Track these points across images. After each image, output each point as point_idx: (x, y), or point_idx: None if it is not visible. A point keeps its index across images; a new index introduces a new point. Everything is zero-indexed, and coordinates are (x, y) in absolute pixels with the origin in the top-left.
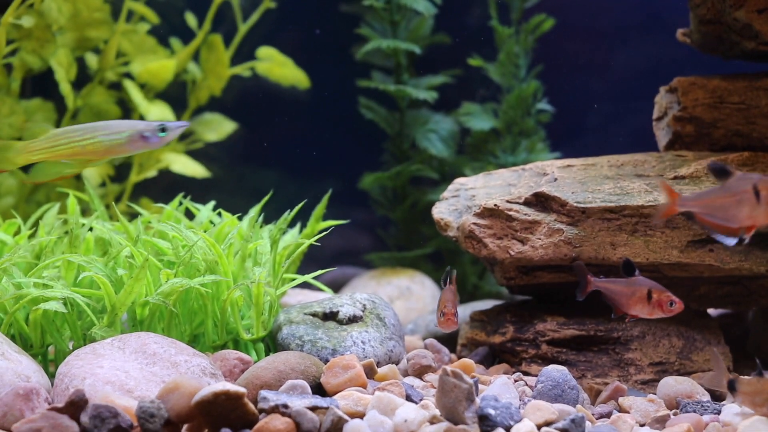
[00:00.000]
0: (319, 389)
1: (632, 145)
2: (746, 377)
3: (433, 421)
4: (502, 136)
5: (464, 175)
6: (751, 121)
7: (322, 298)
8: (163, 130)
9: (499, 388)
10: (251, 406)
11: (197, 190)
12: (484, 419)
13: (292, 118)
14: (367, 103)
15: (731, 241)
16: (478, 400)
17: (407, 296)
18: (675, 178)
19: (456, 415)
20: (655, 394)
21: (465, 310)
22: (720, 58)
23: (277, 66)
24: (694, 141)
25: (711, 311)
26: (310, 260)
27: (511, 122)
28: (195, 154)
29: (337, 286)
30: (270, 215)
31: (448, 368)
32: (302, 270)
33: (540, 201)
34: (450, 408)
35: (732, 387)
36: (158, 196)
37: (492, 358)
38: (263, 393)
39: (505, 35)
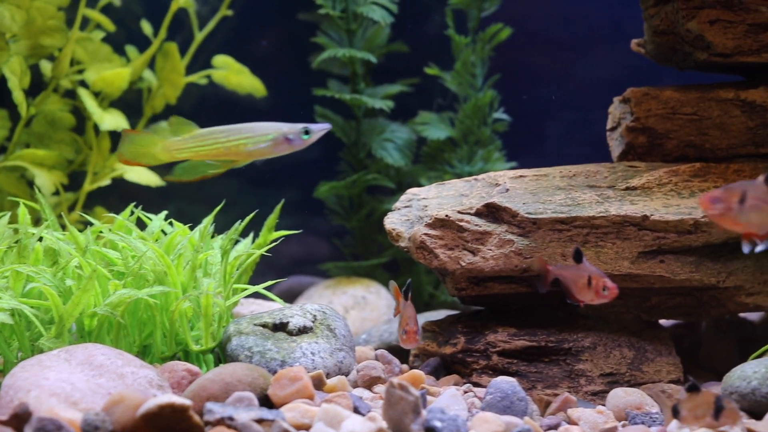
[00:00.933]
0: (266, 401)
1: (589, 154)
2: (685, 395)
3: None
4: (459, 145)
5: (421, 185)
6: (703, 132)
7: (273, 309)
8: (306, 132)
9: (448, 399)
10: (197, 418)
11: (156, 199)
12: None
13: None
14: (322, 112)
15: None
16: (425, 412)
17: (362, 306)
18: (626, 189)
19: (402, 427)
20: (604, 405)
21: (419, 321)
22: (674, 68)
23: (233, 74)
24: (647, 151)
25: (664, 322)
26: (268, 269)
27: (467, 132)
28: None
29: (293, 295)
30: (228, 224)
31: (395, 380)
32: (259, 279)
33: (491, 212)
34: (396, 420)
35: (676, 412)
36: (117, 204)
37: (443, 369)
38: (209, 405)
39: (461, 44)
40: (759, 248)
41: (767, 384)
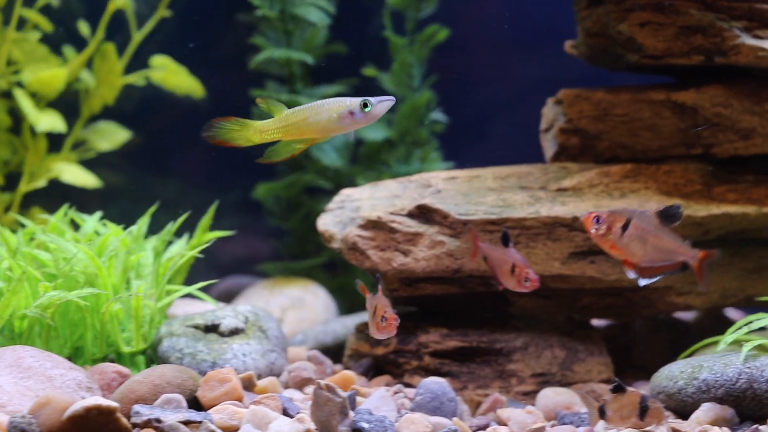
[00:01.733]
0: (195, 403)
1: (527, 155)
2: (611, 395)
3: None
4: (396, 145)
5: (358, 185)
6: (635, 133)
7: (205, 310)
8: (366, 105)
9: (377, 400)
10: (124, 420)
11: (98, 199)
12: None
13: (191, 126)
14: (260, 113)
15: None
16: (352, 413)
17: (300, 306)
18: (558, 190)
19: (330, 428)
20: (534, 405)
21: (355, 321)
22: (608, 70)
23: (171, 75)
24: (580, 153)
25: (598, 322)
26: (209, 270)
27: (404, 132)
28: (98, 163)
29: (232, 296)
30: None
31: (322, 382)
32: (199, 279)
33: (423, 213)
34: (324, 422)
35: (603, 413)
36: (59, 205)
37: (376, 369)
38: (136, 407)
39: (399, 45)
40: (639, 281)
41: (693, 384)
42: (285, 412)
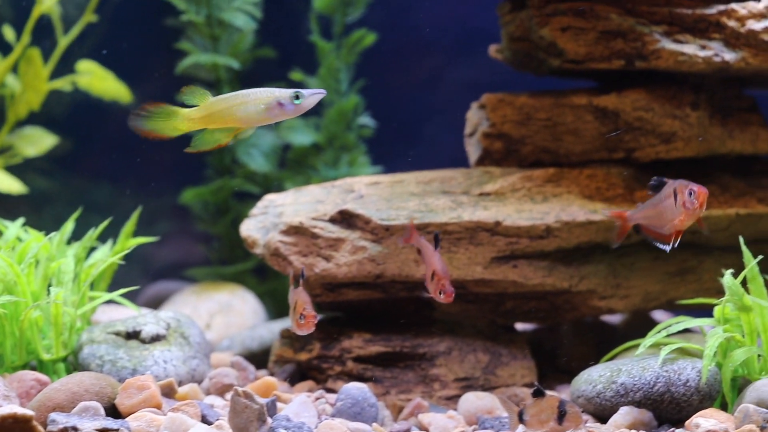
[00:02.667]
0: (114, 411)
1: (455, 159)
2: (531, 400)
3: None
4: (324, 150)
5: (287, 190)
6: (557, 137)
7: (127, 317)
8: (297, 97)
9: (298, 406)
10: (40, 429)
11: (31, 205)
12: None
13: (122, 132)
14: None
15: (667, 248)
16: (270, 420)
17: (227, 311)
18: (480, 194)
19: None
20: (456, 410)
21: (282, 325)
22: (532, 74)
23: (97, 80)
24: (504, 157)
25: (526, 325)
26: (137, 275)
27: (332, 137)
28: (27, 168)
29: (160, 301)
30: (106, 229)
31: (240, 389)
32: (129, 285)
33: (345, 218)
34: (242, 429)
35: (522, 417)
36: None
37: (300, 375)
38: (53, 416)
39: (326, 50)
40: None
41: (612, 387)
42: (204, 419)
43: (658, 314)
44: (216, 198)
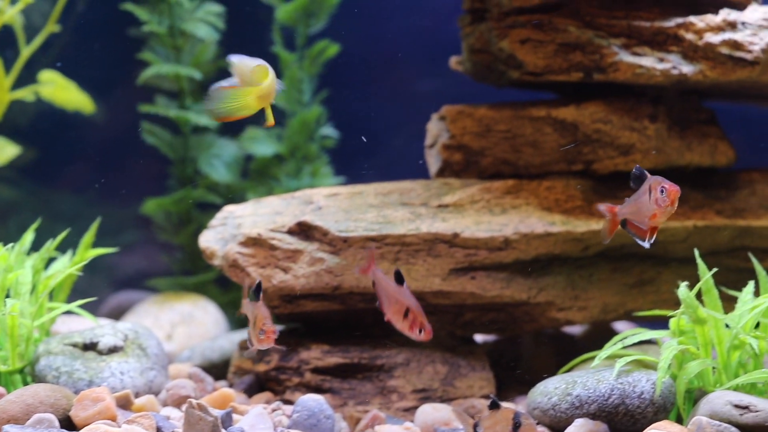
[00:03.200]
0: (69, 423)
1: (417, 170)
2: (486, 413)
3: None
4: (286, 161)
5: (248, 200)
6: (517, 149)
7: (85, 328)
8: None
9: (254, 418)
10: None
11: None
12: None
13: (87, 142)
14: (150, 128)
15: (646, 244)
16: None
17: (189, 322)
18: (439, 206)
19: None
20: (413, 421)
21: (243, 336)
22: (492, 86)
23: (60, 90)
24: (463, 169)
25: (485, 337)
26: (99, 285)
27: (294, 147)
28: None
29: (122, 311)
30: (72, 239)
31: (194, 401)
32: (91, 296)
33: (303, 230)
34: None
35: (476, 430)
36: None
37: (258, 386)
38: (6, 428)
39: (288, 61)
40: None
41: (567, 400)
42: (159, 431)
43: (620, 325)
44: (178, 208)
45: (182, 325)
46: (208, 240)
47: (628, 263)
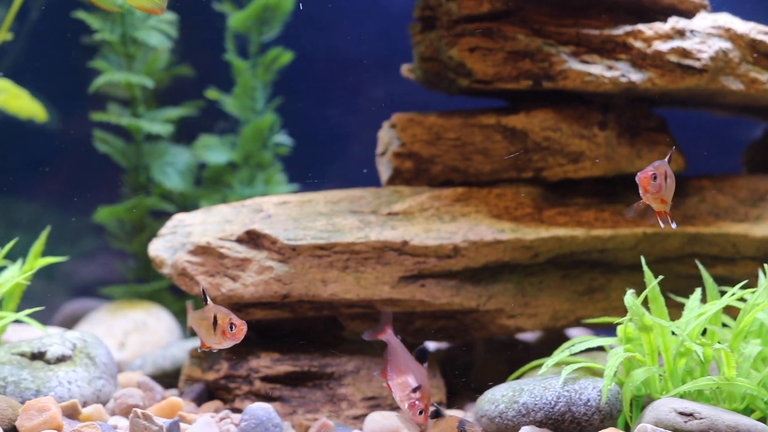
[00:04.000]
0: None
1: (372, 177)
2: (431, 421)
3: None
4: (240, 168)
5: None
6: (467, 157)
7: (33, 337)
8: None
9: (202, 427)
10: None
11: None
12: None
13: (41, 150)
14: (102, 136)
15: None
16: None
17: (142, 330)
18: (389, 214)
19: None
20: (362, 429)
21: (196, 344)
22: (444, 94)
23: (12, 98)
24: (414, 176)
25: (438, 344)
26: (53, 293)
27: (248, 155)
28: None
29: (76, 320)
30: (23, 248)
31: (139, 410)
32: (45, 304)
33: (252, 238)
34: None
35: None
36: None
37: (208, 395)
38: None
39: (241, 68)
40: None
41: (514, 407)
42: None
43: (574, 332)
44: (131, 216)
45: (135, 333)
46: (158, 248)
47: (578, 270)
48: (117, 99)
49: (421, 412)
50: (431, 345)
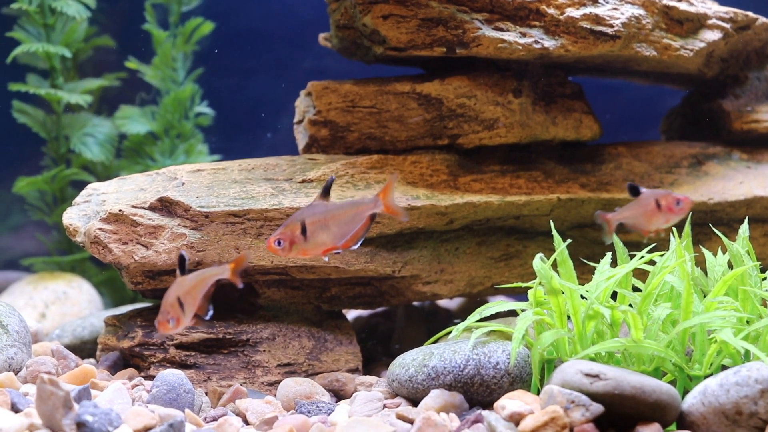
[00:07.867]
0: None
1: (292, 146)
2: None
3: (31, 428)
4: (161, 139)
5: None
6: (382, 124)
7: None
8: None
9: (112, 393)
10: None
11: None
12: (81, 426)
13: None
14: (21, 107)
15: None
16: (77, 406)
17: (63, 301)
18: (303, 181)
19: (54, 422)
20: (275, 396)
21: (115, 314)
22: (361, 62)
23: None
24: (330, 144)
25: (363, 311)
26: None
27: (168, 125)
28: None
29: None
30: None
31: (45, 376)
32: None
33: (165, 206)
34: (49, 415)
35: None
36: None
37: (124, 363)
38: None
39: (161, 38)
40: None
41: (423, 371)
42: (14, 407)
43: (496, 299)
44: (51, 187)
45: (56, 304)
46: (71, 217)
47: (495, 237)
48: (37, 70)
49: (279, 243)
50: (353, 312)
